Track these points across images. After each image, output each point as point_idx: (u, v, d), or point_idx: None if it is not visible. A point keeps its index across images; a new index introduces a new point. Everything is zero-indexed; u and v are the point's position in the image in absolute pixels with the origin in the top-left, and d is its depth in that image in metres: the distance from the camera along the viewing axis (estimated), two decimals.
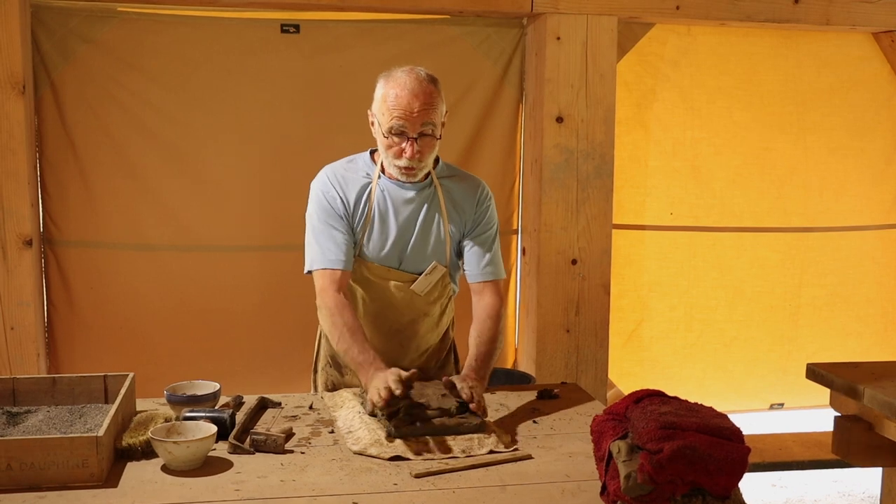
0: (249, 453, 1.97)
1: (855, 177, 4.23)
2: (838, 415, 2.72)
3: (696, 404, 1.76)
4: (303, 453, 1.99)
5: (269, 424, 2.16)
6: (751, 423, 3.88)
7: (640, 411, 1.71)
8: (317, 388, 2.63)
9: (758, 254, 4.20)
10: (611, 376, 3.91)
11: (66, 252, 3.55)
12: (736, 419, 1.72)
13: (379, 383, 2.08)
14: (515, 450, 2.01)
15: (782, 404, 4.30)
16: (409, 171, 2.31)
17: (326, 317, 2.31)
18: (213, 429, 1.92)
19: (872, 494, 3.99)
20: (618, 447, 1.67)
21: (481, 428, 2.08)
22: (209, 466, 1.89)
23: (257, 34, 3.59)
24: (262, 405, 2.29)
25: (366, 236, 2.38)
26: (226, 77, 3.58)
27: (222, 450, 1.97)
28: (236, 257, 3.67)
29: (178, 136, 3.58)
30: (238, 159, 3.64)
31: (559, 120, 3.65)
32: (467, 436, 2.05)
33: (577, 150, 3.68)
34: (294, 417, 2.24)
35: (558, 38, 3.60)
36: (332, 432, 2.12)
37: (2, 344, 3.31)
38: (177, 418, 2.08)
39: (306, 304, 2.75)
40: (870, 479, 4.06)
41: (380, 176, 2.38)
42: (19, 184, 3.28)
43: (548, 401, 2.42)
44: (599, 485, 1.74)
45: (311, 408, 2.31)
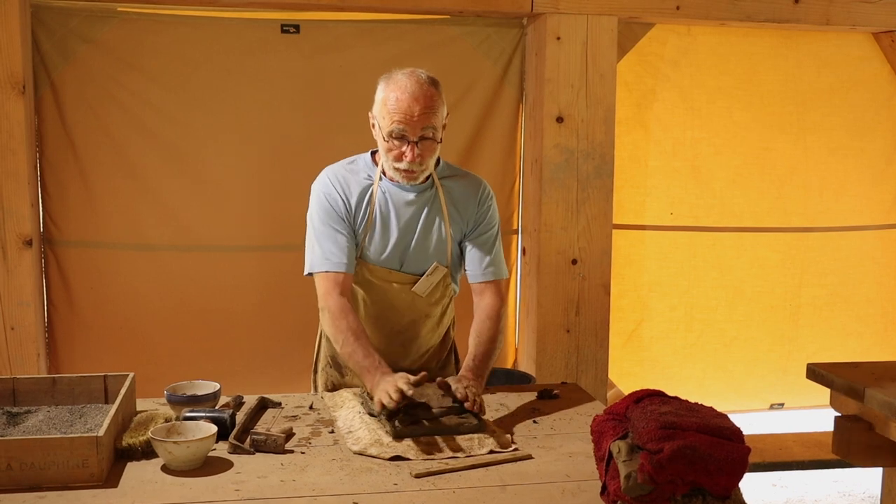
0: (249, 453, 1.96)
1: (855, 177, 4.23)
2: (838, 415, 2.71)
3: (696, 404, 1.76)
4: (303, 453, 1.98)
5: (269, 424, 2.16)
6: (751, 423, 3.88)
7: (640, 411, 1.71)
8: (317, 388, 2.62)
9: (758, 254, 4.20)
10: (611, 376, 3.91)
11: (66, 252, 3.55)
12: (736, 419, 1.72)
13: (387, 387, 2.07)
14: (515, 450, 2.01)
15: (782, 404, 4.30)
16: (409, 174, 2.30)
17: (329, 321, 2.30)
18: (214, 429, 1.92)
19: (872, 494, 3.99)
20: (618, 447, 1.67)
21: (481, 428, 2.08)
22: (209, 466, 1.89)
23: (257, 34, 3.59)
24: (262, 405, 2.29)
25: (367, 238, 2.37)
26: (226, 77, 3.58)
27: (222, 450, 1.97)
28: (236, 257, 3.67)
29: (178, 136, 3.58)
30: (238, 159, 3.64)
31: (559, 120, 3.65)
32: (467, 436, 2.05)
33: (578, 150, 3.68)
34: (294, 417, 2.24)
35: (558, 38, 3.60)
36: (333, 432, 2.12)
37: (2, 344, 3.32)
38: (177, 418, 2.08)
39: (306, 305, 2.75)
40: (870, 479, 4.05)
41: (381, 178, 2.37)
42: (19, 184, 3.28)
43: (548, 401, 2.42)
44: (599, 485, 1.74)
45: (311, 408, 2.31)
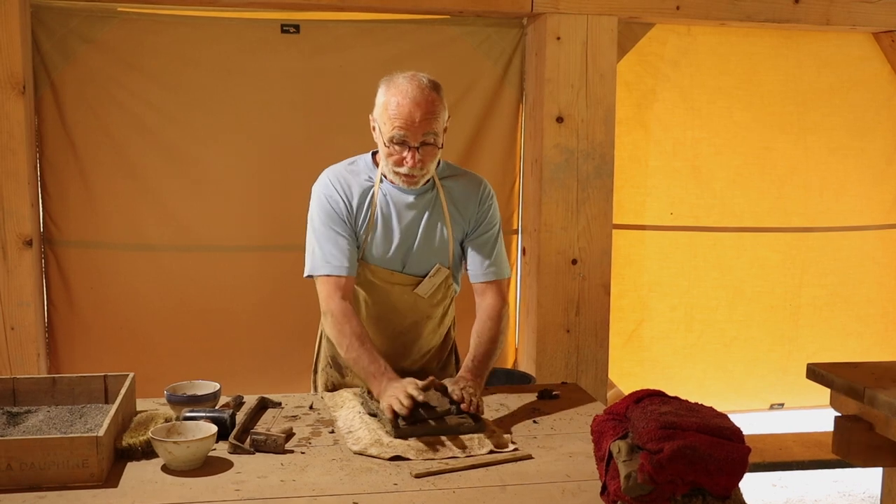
0: (249, 453, 1.96)
1: (855, 177, 4.23)
2: (838, 415, 2.71)
3: (696, 404, 1.76)
4: (303, 453, 1.98)
5: (269, 424, 2.16)
6: (751, 423, 3.88)
7: (640, 411, 1.71)
8: (317, 388, 2.62)
9: (758, 254, 4.20)
10: (611, 376, 3.91)
11: (66, 252, 3.55)
12: (736, 419, 1.72)
13: (397, 392, 2.07)
14: (515, 450, 2.01)
15: (782, 404, 4.30)
16: (410, 178, 2.29)
17: (333, 325, 2.28)
18: (214, 429, 1.92)
19: (873, 494, 3.99)
20: (618, 447, 1.67)
21: (481, 428, 2.08)
22: (209, 466, 1.89)
23: (257, 34, 3.59)
24: (263, 405, 2.29)
25: (369, 240, 2.36)
26: (226, 77, 3.58)
27: (222, 450, 1.97)
28: (236, 257, 3.67)
29: (178, 136, 3.58)
30: (238, 159, 3.64)
31: (559, 120, 3.65)
32: (468, 436, 2.05)
33: (578, 150, 3.68)
34: (294, 417, 2.24)
35: (558, 38, 3.60)
36: (333, 432, 2.12)
37: (2, 344, 3.32)
38: (177, 418, 2.07)
39: (306, 305, 2.75)
40: (870, 479, 4.05)
41: (381, 179, 2.37)
42: (19, 184, 3.28)
43: (548, 401, 2.41)
44: (599, 485, 1.74)
45: (311, 408, 2.31)
